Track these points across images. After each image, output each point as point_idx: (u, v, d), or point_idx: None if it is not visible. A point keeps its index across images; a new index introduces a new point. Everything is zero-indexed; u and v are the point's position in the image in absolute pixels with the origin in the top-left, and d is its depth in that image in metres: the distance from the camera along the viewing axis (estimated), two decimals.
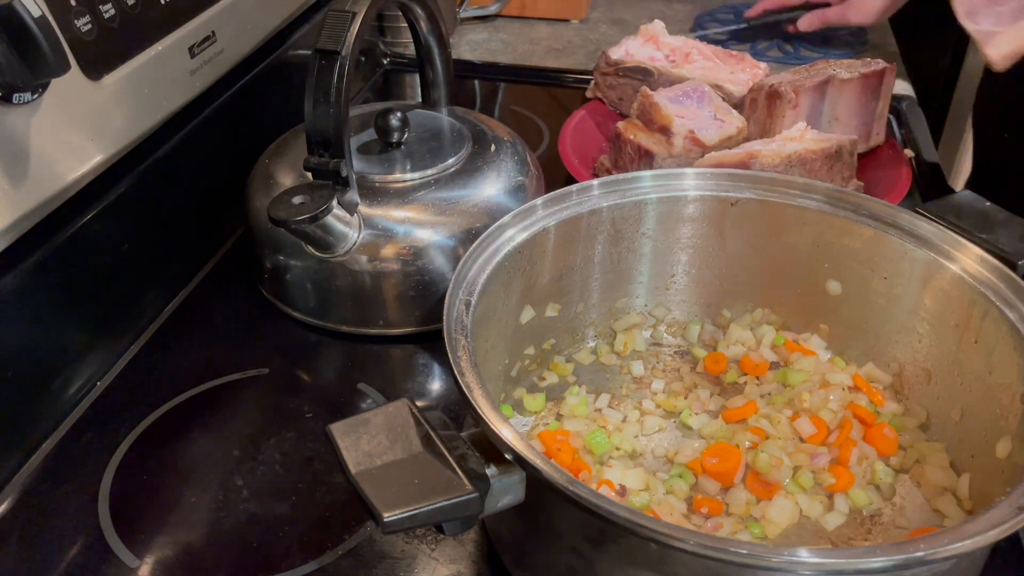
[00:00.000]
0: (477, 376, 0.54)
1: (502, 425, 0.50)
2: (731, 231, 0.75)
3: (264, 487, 0.67)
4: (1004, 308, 0.62)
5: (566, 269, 0.73)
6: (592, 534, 0.51)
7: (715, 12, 1.49)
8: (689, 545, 0.45)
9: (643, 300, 0.79)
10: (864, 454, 0.67)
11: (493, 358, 0.68)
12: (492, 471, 0.50)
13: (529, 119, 1.20)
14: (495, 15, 1.47)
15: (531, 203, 0.70)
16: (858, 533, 0.64)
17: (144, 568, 0.61)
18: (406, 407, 0.51)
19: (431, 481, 0.48)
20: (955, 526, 0.47)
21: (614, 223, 0.73)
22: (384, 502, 0.46)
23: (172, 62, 0.81)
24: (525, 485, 0.51)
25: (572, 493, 0.47)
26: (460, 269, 0.63)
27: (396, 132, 0.81)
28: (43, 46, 0.59)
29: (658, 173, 0.74)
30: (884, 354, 0.73)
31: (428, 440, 0.50)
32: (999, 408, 0.61)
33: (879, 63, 0.98)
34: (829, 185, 0.72)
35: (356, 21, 0.71)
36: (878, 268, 0.71)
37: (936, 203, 0.70)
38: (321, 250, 0.76)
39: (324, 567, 0.61)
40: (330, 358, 0.80)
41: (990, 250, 0.65)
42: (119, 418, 0.72)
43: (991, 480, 0.61)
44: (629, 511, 0.46)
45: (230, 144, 0.93)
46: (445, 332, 0.58)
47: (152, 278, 0.84)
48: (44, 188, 0.68)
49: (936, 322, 0.68)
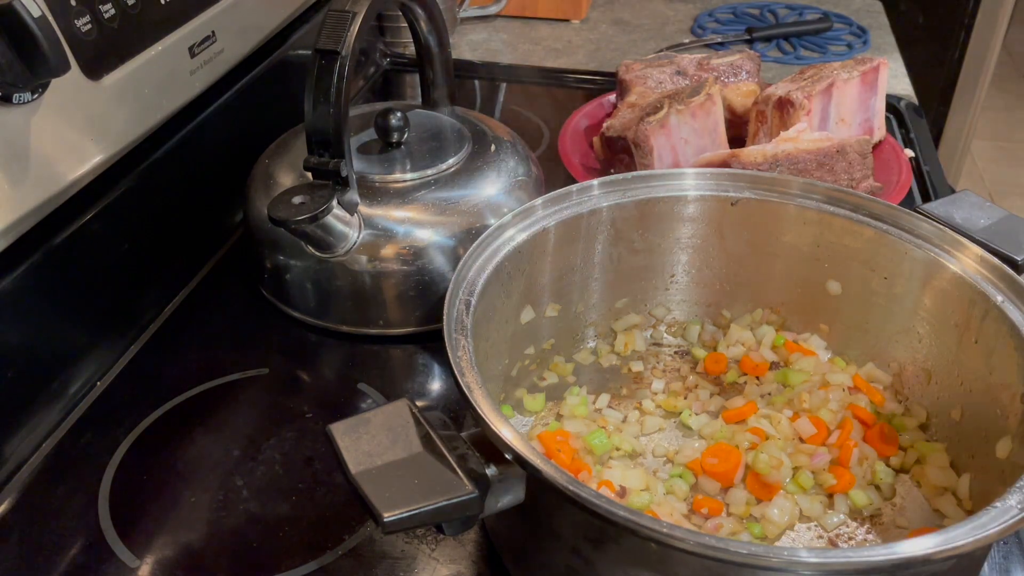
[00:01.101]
0: (477, 376, 0.55)
1: (502, 425, 0.50)
2: (730, 231, 0.75)
3: (264, 487, 0.67)
4: (1004, 308, 0.62)
5: (566, 269, 0.73)
6: (592, 534, 0.51)
7: (715, 12, 1.49)
8: (689, 545, 0.45)
9: (643, 300, 0.79)
10: (864, 455, 0.67)
11: (493, 358, 0.68)
12: (492, 471, 0.50)
13: (529, 119, 1.20)
14: (495, 15, 1.47)
15: (531, 203, 0.70)
16: (858, 533, 0.64)
17: (144, 568, 0.61)
18: (406, 407, 0.51)
19: (431, 481, 0.48)
20: (955, 526, 0.47)
21: (614, 223, 0.73)
22: (384, 502, 0.46)
23: (172, 62, 0.81)
24: (525, 485, 0.51)
25: (572, 493, 0.47)
26: (460, 269, 0.63)
27: (396, 132, 0.81)
28: (43, 46, 0.59)
29: (658, 173, 0.74)
30: (884, 354, 0.73)
31: (428, 440, 0.50)
32: (999, 408, 0.61)
33: (873, 59, 0.98)
34: (830, 185, 0.72)
35: (356, 21, 0.71)
36: (878, 268, 0.71)
37: (936, 203, 0.70)
38: (321, 250, 0.76)
39: (324, 567, 0.61)
40: (330, 358, 0.80)
41: (990, 249, 0.65)
42: (119, 418, 0.72)
43: (991, 480, 0.61)
44: (629, 511, 0.46)
45: (230, 144, 0.93)
46: (445, 332, 0.58)
47: (152, 278, 0.84)
48: (44, 188, 0.68)
49: (936, 322, 0.68)
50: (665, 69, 1.04)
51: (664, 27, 1.46)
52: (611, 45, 1.40)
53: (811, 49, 1.36)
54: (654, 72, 1.04)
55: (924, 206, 0.70)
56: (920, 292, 0.69)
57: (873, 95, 0.99)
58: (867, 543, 0.62)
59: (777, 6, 1.49)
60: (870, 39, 1.38)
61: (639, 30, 1.45)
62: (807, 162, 0.88)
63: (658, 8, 1.53)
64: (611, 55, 1.36)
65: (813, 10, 1.46)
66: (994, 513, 0.47)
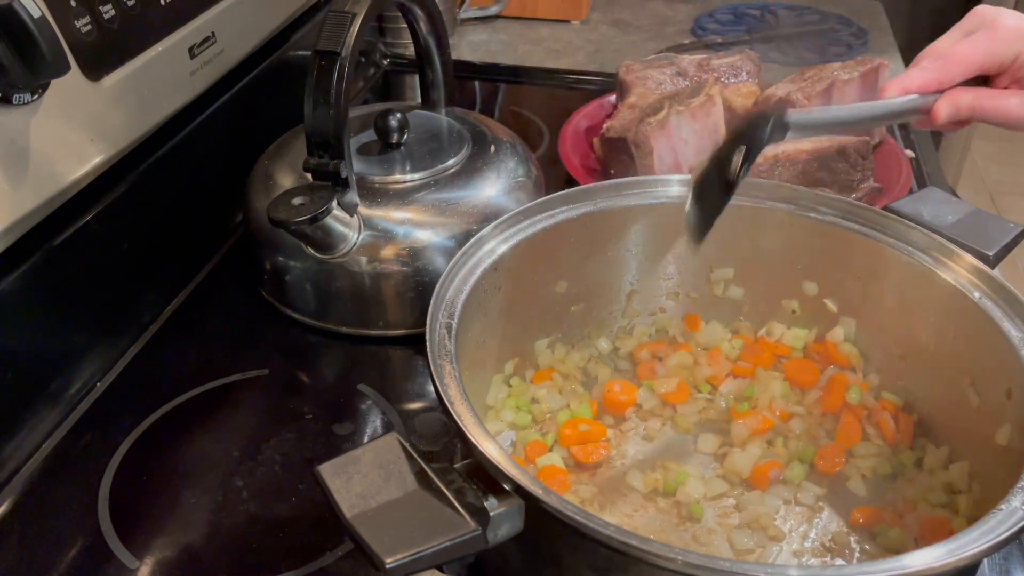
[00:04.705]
0: (467, 404, 0.52)
1: (501, 456, 0.48)
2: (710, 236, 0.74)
3: (264, 488, 0.67)
4: (982, 304, 0.62)
5: (551, 279, 0.72)
6: (598, 563, 0.50)
7: (715, 13, 1.49)
8: (705, 573, 0.44)
9: (631, 306, 0.78)
10: (864, 453, 0.67)
11: (479, 371, 0.67)
12: (491, 503, 0.48)
13: (529, 119, 1.20)
14: (495, 16, 1.47)
15: (512, 213, 0.68)
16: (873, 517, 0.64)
17: (144, 568, 0.61)
18: (396, 442, 0.49)
19: (431, 520, 0.46)
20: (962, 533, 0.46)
21: (599, 231, 0.72)
22: (384, 547, 0.44)
23: (172, 63, 0.81)
24: (524, 514, 0.49)
25: (579, 524, 0.45)
26: (438, 291, 0.61)
27: (396, 133, 0.81)
28: (43, 47, 0.59)
29: (643, 180, 0.74)
30: (870, 355, 0.73)
31: (422, 476, 0.48)
32: (985, 401, 0.62)
33: (873, 60, 0.98)
34: (800, 188, 0.72)
35: (356, 22, 0.71)
36: (852, 268, 0.71)
37: (902, 201, 0.70)
38: (321, 251, 0.76)
39: (324, 568, 0.61)
40: (330, 359, 0.80)
41: (961, 245, 0.65)
42: (119, 418, 0.72)
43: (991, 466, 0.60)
44: (639, 539, 0.45)
45: (230, 144, 0.93)
46: (430, 359, 0.56)
47: (152, 278, 0.84)
48: (44, 189, 0.68)
49: (912, 320, 0.68)
50: (665, 70, 1.04)
51: (664, 28, 1.46)
52: (611, 46, 1.40)
53: (811, 49, 1.36)
54: (654, 73, 1.04)
55: (892, 204, 0.70)
56: (895, 291, 0.69)
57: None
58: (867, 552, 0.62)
59: (777, 7, 1.49)
60: (870, 40, 1.38)
61: (639, 31, 1.45)
62: (807, 163, 0.88)
63: (658, 9, 1.53)
64: (611, 56, 1.36)
65: (813, 11, 1.46)
66: (1000, 516, 0.47)
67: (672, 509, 0.65)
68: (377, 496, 0.47)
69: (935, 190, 0.72)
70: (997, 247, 0.66)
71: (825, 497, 0.65)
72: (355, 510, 0.46)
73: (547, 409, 0.71)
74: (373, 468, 0.48)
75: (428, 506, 0.47)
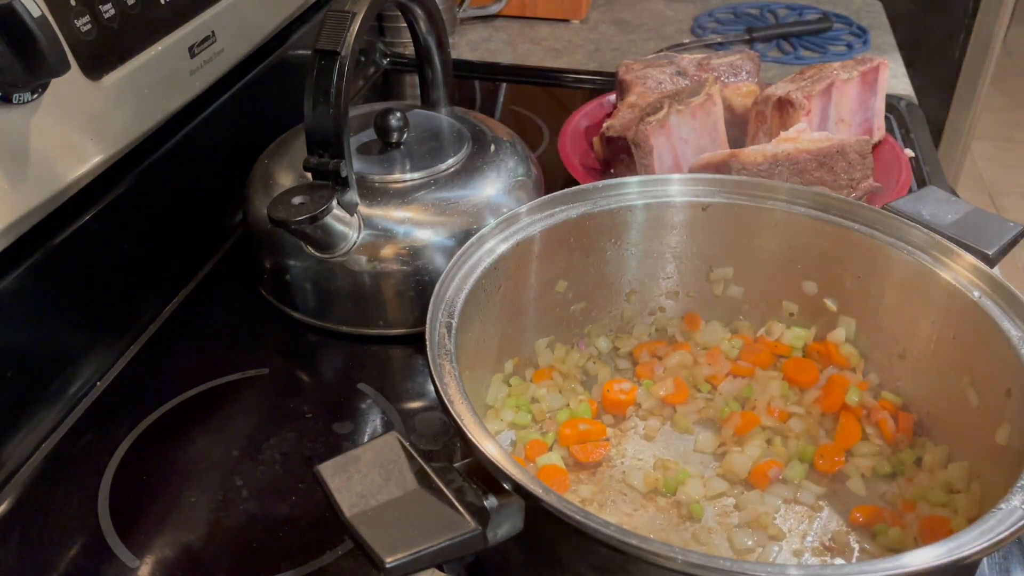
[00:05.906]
0: (467, 404, 0.52)
1: (501, 456, 0.48)
2: (702, 235, 0.74)
3: (264, 487, 0.67)
4: (982, 303, 0.62)
5: (551, 279, 0.72)
6: (599, 562, 0.50)
7: (715, 12, 1.49)
8: (708, 573, 0.44)
9: (631, 307, 0.78)
10: (864, 452, 0.67)
11: (479, 370, 0.67)
12: (491, 502, 0.48)
13: (529, 119, 1.20)
14: (495, 15, 1.47)
15: (513, 211, 0.68)
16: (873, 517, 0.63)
17: (144, 568, 0.61)
18: (396, 441, 0.49)
19: (431, 519, 0.46)
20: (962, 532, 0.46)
21: (598, 230, 0.72)
22: (384, 546, 0.44)
23: (172, 62, 0.81)
24: (524, 514, 0.49)
25: (579, 523, 0.45)
26: (438, 290, 0.61)
27: (396, 132, 0.81)
28: (42, 46, 0.59)
29: (643, 179, 0.74)
30: (869, 355, 0.73)
31: (422, 475, 0.48)
32: (984, 401, 0.62)
33: (873, 59, 0.98)
34: (801, 188, 0.72)
35: (356, 21, 0.71)
36: (852, 268, 0.71)
37: (901, 201, 0.70)
38: (321, 250, 0.76)
39: (324, 567, 0.61)
40: (330, 358, 0.80)
41: (960, 244, 0.65)
42: (119, 418, 0.72)
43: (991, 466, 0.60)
44: (639, 539, 0.45)
45: (230, 144, 0.93)
46: (429, 358, 0.56)
47: (152, 278, 0.84)
48: (44, 188, 0.68)
49: (912, 320, 0.68)
50: (665, 69, 1.04)
51: (664, 27, 1.46)
52: (611, 45, 1.40)
53: (811, 49, 1.36)
54: (654, 72, 1.04)
55: (891, 204, 0.69)
56: (895, 290, 0.69)
57: (873, 95, 0.99)
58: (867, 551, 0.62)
59: (777, 6, 1.49)
60: (870, 39, 1.38)
61: (639, 30, 1.45)
62: (807, 162, 0.87)
63: (658, 8, 1.53)
64: (611, 55, 1.36)
65: (813, 10, 1.46)
66: (1000, 515, 0.47)
67: (672, 508, 0.65)
68: (377, 495, 0.47)
69: (935, 189, 0.72)
70: (997, 246, 0.66)
71: (825, 496, 0.65)
72: (355, 509, 0.46)
73: (547, 408, 0.71)
74: (373, 467, 0.48)
75: (428, 505, 0.47)
